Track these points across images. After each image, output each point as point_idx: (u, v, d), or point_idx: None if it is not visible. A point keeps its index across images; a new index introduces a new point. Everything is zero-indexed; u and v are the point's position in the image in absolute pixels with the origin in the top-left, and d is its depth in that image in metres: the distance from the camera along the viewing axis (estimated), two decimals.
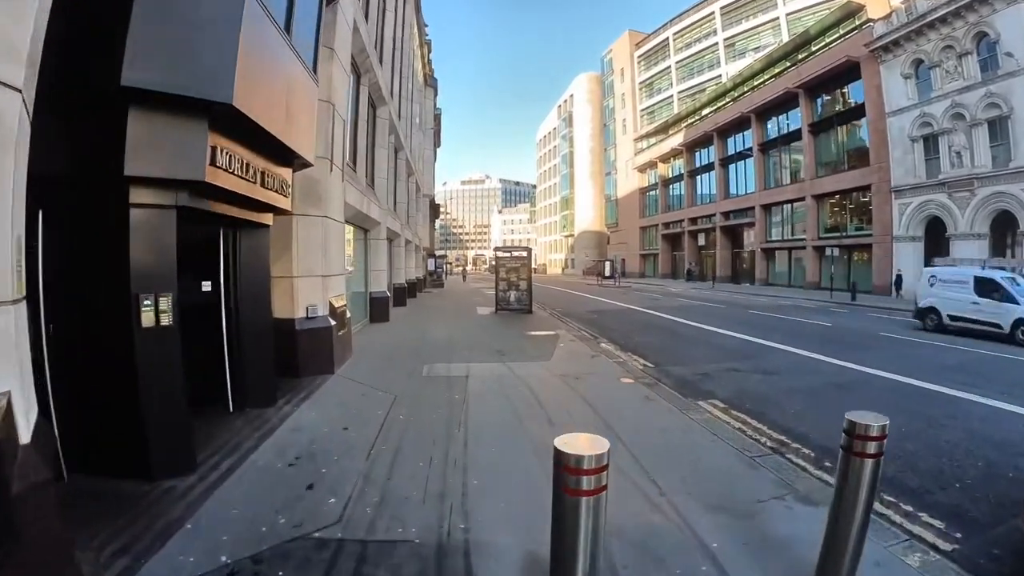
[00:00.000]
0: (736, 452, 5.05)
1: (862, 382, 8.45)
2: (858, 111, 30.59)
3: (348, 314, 8.76)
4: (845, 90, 32.52)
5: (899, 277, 26.75)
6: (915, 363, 9.80)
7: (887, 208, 28.32)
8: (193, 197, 4.33)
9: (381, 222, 13.81)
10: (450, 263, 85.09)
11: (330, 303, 7.91)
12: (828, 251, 28.96)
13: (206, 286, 5.72)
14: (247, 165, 4.76)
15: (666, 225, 52.74)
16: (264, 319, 6.02)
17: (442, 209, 76.57)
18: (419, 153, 28.89)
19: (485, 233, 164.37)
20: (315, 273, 7.61)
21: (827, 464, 4.93)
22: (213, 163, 4.20)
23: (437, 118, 42.66)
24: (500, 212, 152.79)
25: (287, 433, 5.21)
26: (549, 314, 17.55)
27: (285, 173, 5.87)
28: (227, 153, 4.38)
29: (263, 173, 5.15)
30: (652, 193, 56.77)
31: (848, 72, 30.85)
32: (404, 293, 19.34)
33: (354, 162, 11.57)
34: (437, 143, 47.74)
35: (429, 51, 37.83)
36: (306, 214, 7.53)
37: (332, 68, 8.02)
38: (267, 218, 5.96)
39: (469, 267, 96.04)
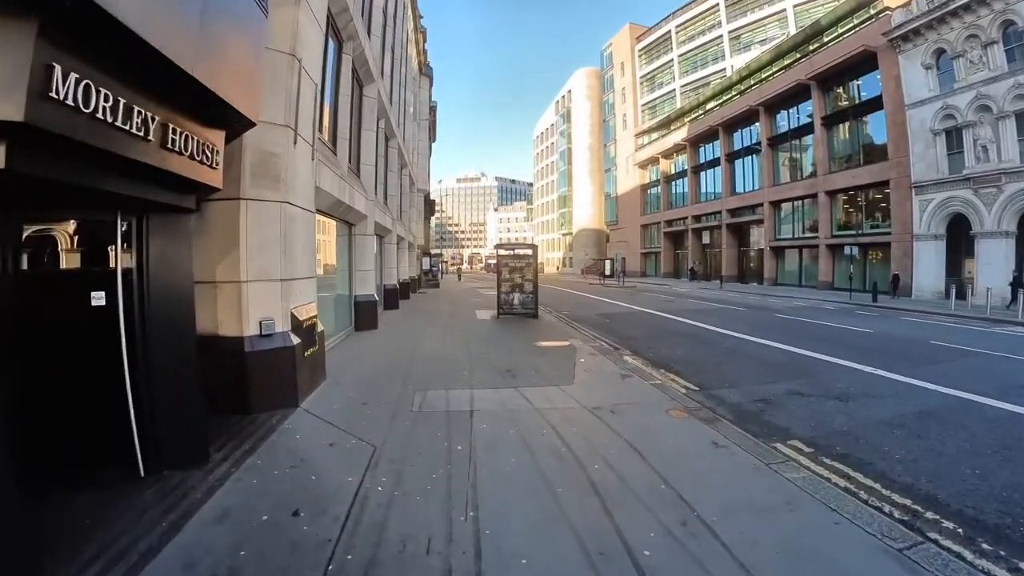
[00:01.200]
0: (874, 540, 3.35)
1: (958, 409, 6.73)
2: (875, 103, 29.05)
3: (320, 327, 6.94)
4: (859, 82, 31.02)
5: (896, 277, 26.15)
6: (1006, 381, 8.08)
7: (907, 205, 26.85)
8: (24, 156, 2.53)
9: (368, 215, 12.00)
10: (445, 262, 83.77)
11: (293, 315, 6.10)
12: (846, 250, 27.36)
13: (97, 298, 3.93)
14: (130, 110, 2.97)
15: (668, 223, 51.14)
16: (185, 341, 4.25)
17: (437, 207, 74.97)
18: (413, 144, 27.06)
19: (481, 232, 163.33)
20: (271, 276, 5.81)
21: (989, 548, 3.22)
22: (47, 94, 2.41)
23: (432, 110, 40.84)
24: (496, 210, 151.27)
25: (205, 528, 3.40)
26: (556, 318, 15.81)
27: (213, 137, 4.07)
28: (83, 83, 2.59)
29: (167, 128, 3.35)
30: (654, 190, 55.17)
31: (864, 63, 29.36)
32: (396, 295, 17.54)
33: (334, 143, 9.77)
34: (432, 137, 45.87)
35: (424, 40, 36.10)
36: (259, 199, 5.73)
37: (298, 14, 6.22)
38: (189, 201, 4.17)
39: (465, 266, 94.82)
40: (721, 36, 49.92)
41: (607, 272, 50.98)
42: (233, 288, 5.63)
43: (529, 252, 15.65)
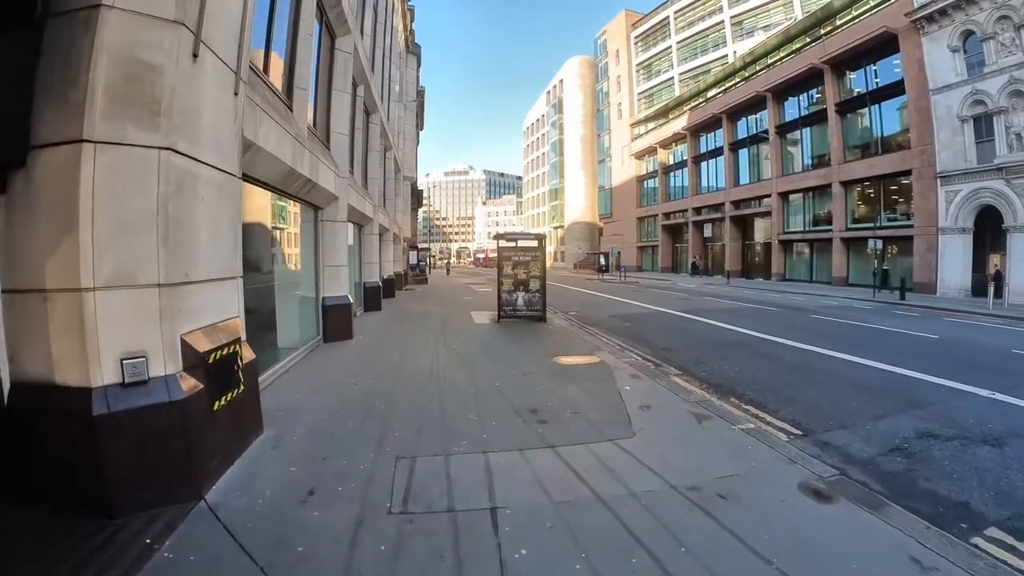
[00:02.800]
0: None
1: None
2: (895, 88, 27.11)
3: (247, 356, 4.44)
4: (876, 66, 29.04)
5: (885, 272, 25.89)
6: None
7: (931, 196, 25.05)
8: None
9: (340, 197, 9.47)
10: (433, 256, 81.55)
11: (186, 345, 3.62)
12: (870, 243, 25.32)
13: None
14: None
15: (667, 215, 49.06)
16: None
17: (425, 201, 72.19)
18: (399, 128, 24.46)
19: (469, 226, 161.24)
20: (139, 280, 3.32)
21: None
22: None
23: (421, 95, 38.12)
24: (484, 204, 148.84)
25: None
26: (567, 322, 13.44)
27: None
28: None
29: None
30: (651, 181, 53.09)
31: (883, 46, 27.46)
32: (379, 294, 15.04)
33: (288, 93, 7.24)
34: (420, 125, 43.15)
35: (412, 19, 33.46)
36: (120, 141, 3.24)
37: None
38: None
39: (453, 260, 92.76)
40: (722, 22, 47.81)
41: (602, 266, 48.93)
42: (70, 301, 3.15)
43: (535, 244, 13.23)
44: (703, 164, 44.41)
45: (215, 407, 3.88)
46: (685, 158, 46.25)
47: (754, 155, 38.84)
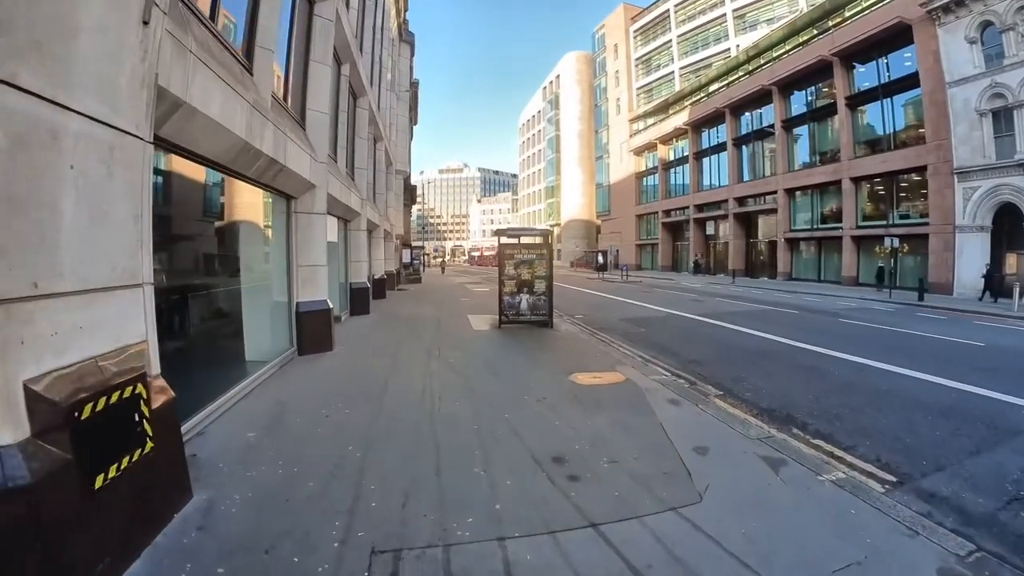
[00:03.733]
0: None
1: None
2: (909, 81, 26.00)
3: (162, 399, 3.10)
4: (888, 58, 27.91)
5: (880, 270, 25.60)
6: None
7: (948, 193, 24.00)
8: None
9: (318, 185, 8.12)
10: (428, 254, 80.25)
11: (34, 396, 2.26)
12: (887, 241, 24.16)
13: None
14: None
15: (667, 213, 47.88)
16: None
17: (419, 198, 70.78)
18: (391, 119, 23.06)
19: (464, 224, 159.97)
20: None
21: None
22: None
23: (414, 87, 36.70)
24: (479, 202, 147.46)
25: None
26: (574, 326, 12.15)
27: None
28: None
29: None
30: (650, 178, 51.92)
31: (896, 37, 26.31)
32: (367, 296, 13.69)
33: (249, 55, 5.86)
34: (414, 119, 41.72)
35: (406, 7, 32.00)
36: None
37: None
38: None
39: (447, 258, 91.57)
40: (724, 15, 46.74)
41: (600, 264, 47.71)
42: None
43: (540, 240, 11.92)
44: (705, 160, 43.25)
45: (97, 484, 2.54)
46: (686, 154, 45.09)
47: (758, 151, 37.72)
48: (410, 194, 35.63)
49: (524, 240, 11.87)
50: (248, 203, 7.39)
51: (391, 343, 9.35)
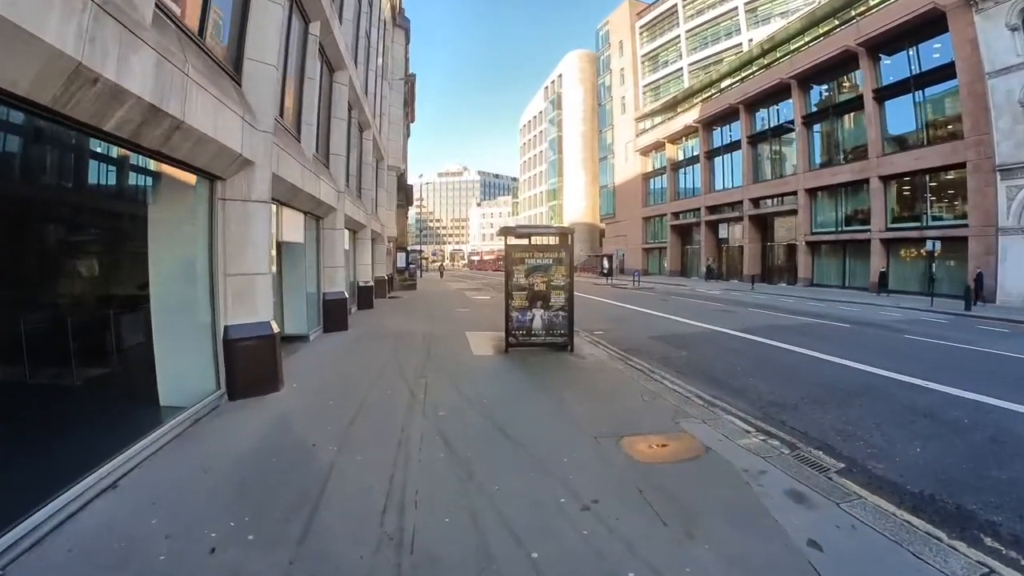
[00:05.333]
0: None
1: None
2: (944, 72, 23.80)
3: None
4: (914, 50, 25.79)
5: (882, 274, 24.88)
6: None
7: (989, 192, 21.78)
8: None
9: (258, 163, 5.80)
10: (426, 258, 78.33)
11: None
12: (929, 245, 21.95)
13: None
14: None
15: (676, 215, 45.62)
16: None
17: (418, 201, 68.43)
18: (382, 107, 20.77)
19: (463, 227, 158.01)
20: None
21: None
22: None
23: (411, 81, 34.45)
24: (479, 205, 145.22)
25: None
26: (598, 348, 9.83)
27: None
28: None
29: None
30: (658, 179, 49.69)
31: (929, 25, 24.13)
32: (344, 310, 11.38)
33: None
34: (411, 115, 39.48)
35: None
36: None
37: None
38: None
39: (447, 263, 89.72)
40: (736, 8, 44.67)
41: (606, 269, 45.40)
42: None
43: (553, 241, 9.62)
44: (717, 159, 41.01)
45: None
46: (697, 153, 42.86)
47: (775, 149, 35.54)
48: (406, 194, 33.32)
49: (536, 241, 9.54)
50: (167, 185, 5.15)
51: (362, 378, 6.97)
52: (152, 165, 4.88)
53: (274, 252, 7.80)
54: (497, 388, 6.49)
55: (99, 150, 4.43)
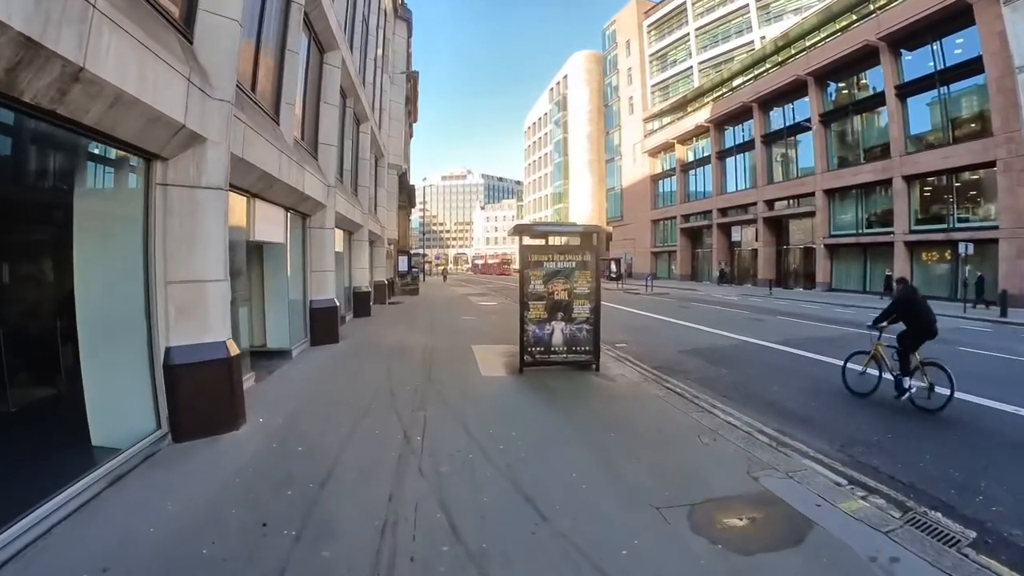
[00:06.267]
0: None
1: None
2: (970, 67, 22.54)
3: None
4: (937, 45, 24.50)
5: (888, 277, 24.02)
6: None
7: (1021, 192, 20.49)
8: None
9: (210, 139, 4.52)
10: (430, 262, 77.39)
11: None
12: (961, 247, 20.62)
13: None
14: None
15: (686, 218, 44.32)
16: None
17: (421, 205, 67.44)
18: (382, 101, 19.56)
19: (467, 231, 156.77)
20: None
21: None
22: None
23: (413, 78, 33.28)
24: (483, 209, 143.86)
25: None
26: (626, 365, 8.54)
27: None
28: None
29: None
30: (667, 181, 48.39)
31: (954, 18, 22.89)
32: (334, 318, 10.09)
33: None
34: (414, 115, 38.32)
35: None
36: None
37: None
38: None
39: (450, 266, 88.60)
40: (747, 5, 43.35)
41: (614, 273, 44.10)
42: None
43: (575, 243, 8.32)
44: (729, 160, 39.69)
45: None
46: (708, 154, 41.58)
47: (791, 148, 34.19)
48: (408, 194, 32.08)
49: (551, 240, 8.24)
50: (96, 167, 3.94)
51: (347, 411, 5.62)
52: (85, 144, 3.65)
53: (243, 253, 6.52)
54: (516, 427, 5.13)
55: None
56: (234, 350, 4.78)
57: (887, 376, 6.87)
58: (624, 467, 4.25)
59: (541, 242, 8.08)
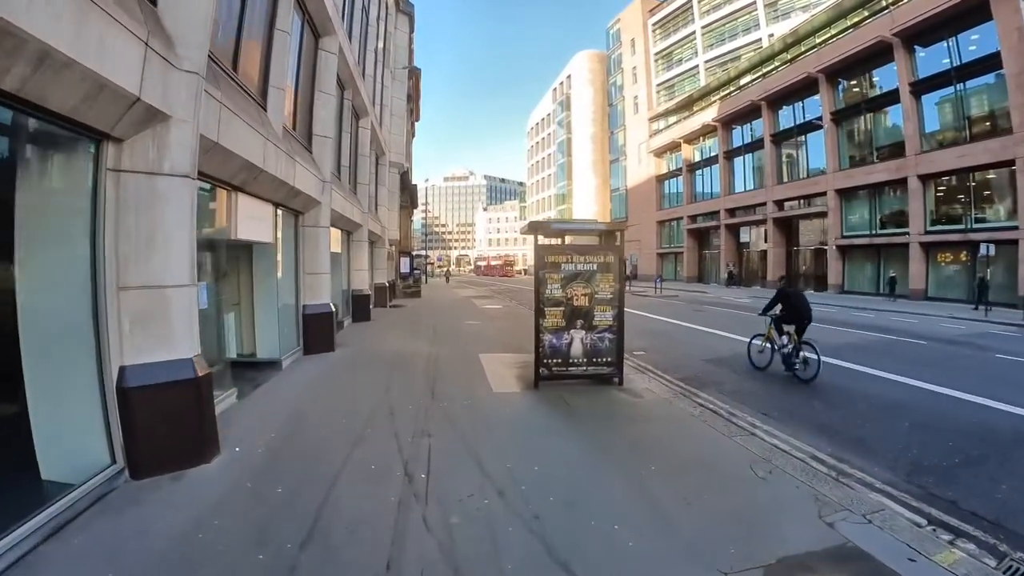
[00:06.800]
0: None
1: None
2: (988, 63, 21.83)
3: None
4: (953, 41, 23.76)
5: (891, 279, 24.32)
6: None
7: None
8: None
9: (174, 116, 3.78)
10: (432, 264, 76.83)
11: None
12: (983, 249, 19.86)
13: None
14: None
15: (693, 218, 43.54)
16: None
17: (424, 206, 66.69)
18: (383, 96, 18.83)
19: (469, 232, 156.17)
20: None
21: None
22: None
23: (415, 75, 32.58)
24: (485, 210, 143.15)
25: None
26: (649, 376, 7.78)
27: None
28: None
29: None
30: (673, 181, 47.65)
31: (970, 13, 22.19)
32: (330, 326, 9.32)
33: None
34: (415, 113, 37.61)
35: None
36: None
37: None
38: None
39: (453, 268, 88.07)
40: (754, 3, 42.66)
41: (626, 275, 43.34)
42: None
43: (593, 242, 7.54)
44: (737, 160, 38.90)
45: None
46: (715, 153, 40.79)
47: (801, 147, 33.40)
48: (410, 194, 31.34)
49: (568, 238, 7.46)
50: (42, 150, 3.22)
51: (338, 438, 4.75)
52: (27, 123, 2.92)
53: (224, 254, 5.76)
54: (538, 459, 4.33)
55: None
56: (203, 369, 4.01)
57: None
58: (675, 514, 3.49)
59: (558, 242, 7.30)
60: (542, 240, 6.93)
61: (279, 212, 7.55)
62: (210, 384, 4.14)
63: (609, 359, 6.79)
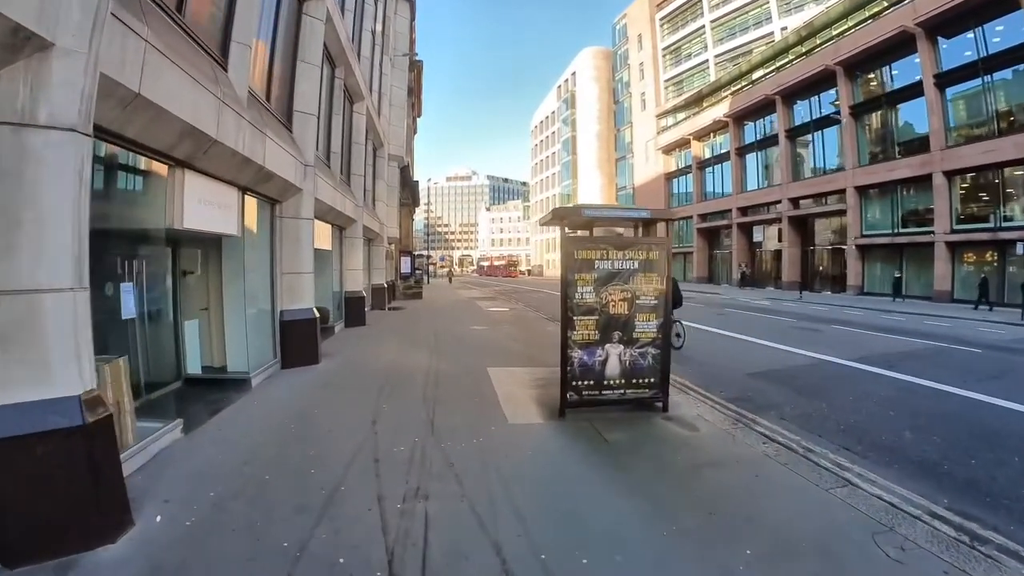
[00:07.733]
0: None
1: None
2: (1016, 54, 20.82)
3: None
4: (979, 31, 22.55)
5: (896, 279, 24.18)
6: None
7: None
8: None
9: (57, 43, 2.50)
10: (434, 264, 75.84)
11: None
12: (1020, 247, 18.66)
13: None
14: None
15: (703, 217, 42.33)
16: None
17: (426, 206, 65.63)
18: (382, 84, 17.59)
19: (472, 233, 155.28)
20: None
21: None
22: None
23: (417, 67, 31.35)
24: (488, 210, 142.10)
25: None
26: (693, 398, 6.51)
27: None
28: None
29: None
30: (682, 179, 46.45)
31: (995, 3, 21.15)
32: (313, 331, 8.06)
33: None
34: (417, 108, 36.38)
35: None
36: None
37: None
38: None
39: (455, 268, 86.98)
40: None
41: None
42: None
43: (631, 232, 6.27)
44: (750, 156, 37.63)
45: None
46: (726, 150, 39.53)
47: (818, 143, 32.12)
48: (411, 191, 30.08)
49: (600, 231, 6.15)
50: None
51: (302, 498, 3.56)
52: None
53: (162, 247, 4.49)
54: (578, 535, 2.95)
55: None
56: (97, 412, 2.75)
57: None
58: None
59: (586, 233, 6.02)
60: (570, 231, 5.62)
61: (246, 198, 6.29)
62: (111, 430, 2.87)
63: (652, 379, 5.47)
